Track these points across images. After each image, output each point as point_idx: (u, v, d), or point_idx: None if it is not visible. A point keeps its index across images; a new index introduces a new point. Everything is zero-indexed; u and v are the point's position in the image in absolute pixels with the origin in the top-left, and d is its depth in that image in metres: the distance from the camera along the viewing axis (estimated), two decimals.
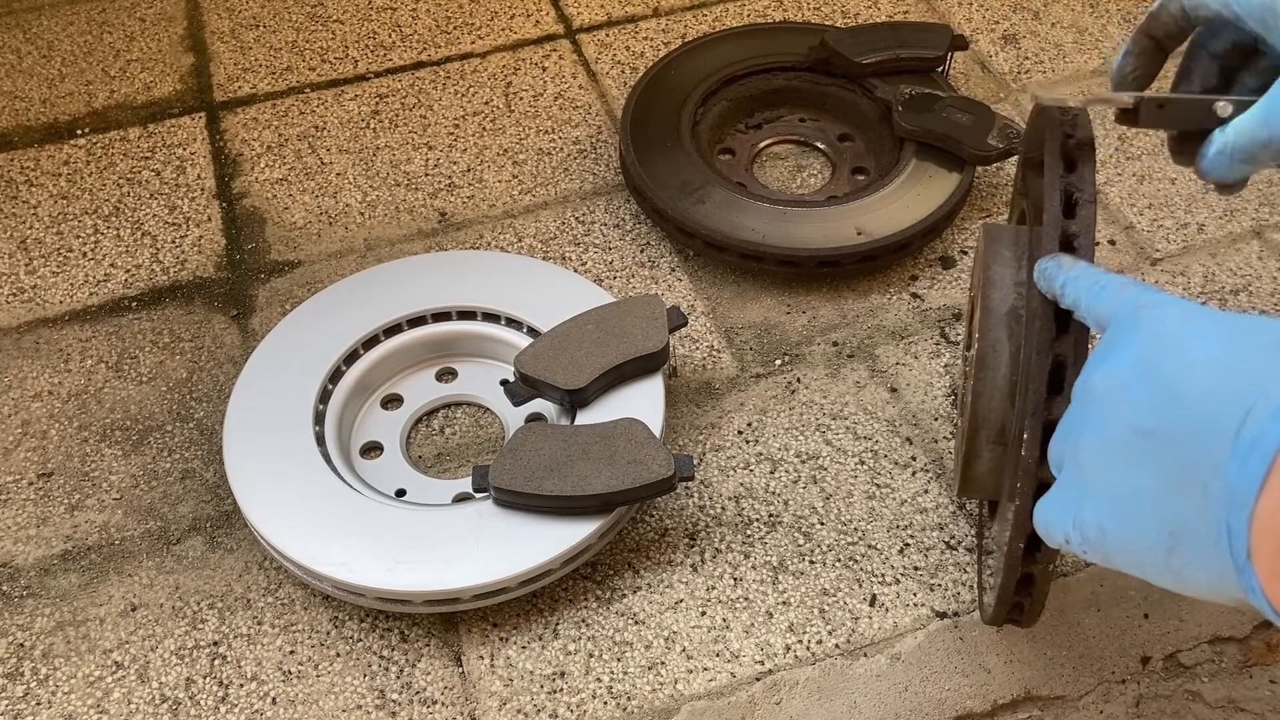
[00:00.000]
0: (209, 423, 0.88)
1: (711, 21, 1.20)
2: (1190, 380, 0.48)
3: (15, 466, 0.85)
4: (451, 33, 1.20)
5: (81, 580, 0.79)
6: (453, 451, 0.86)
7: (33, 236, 1.02)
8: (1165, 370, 0.49)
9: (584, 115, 1.11)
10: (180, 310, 0.96)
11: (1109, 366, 0.52)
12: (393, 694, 0.73)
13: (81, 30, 1.22)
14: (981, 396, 0.65)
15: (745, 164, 1.05)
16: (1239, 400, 0.45)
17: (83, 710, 0.73)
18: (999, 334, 0.65)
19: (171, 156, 1.08)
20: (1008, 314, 0.65)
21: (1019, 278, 0.66)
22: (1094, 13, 1.20)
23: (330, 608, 0.77)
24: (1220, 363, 0.47)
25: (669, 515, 0.82)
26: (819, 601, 0.77)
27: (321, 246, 1.00)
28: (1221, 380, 0.47)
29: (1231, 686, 0.74)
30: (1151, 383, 0.49)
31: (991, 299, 0.66)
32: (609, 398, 0.81)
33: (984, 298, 0.66)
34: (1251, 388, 0.45)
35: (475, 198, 1.04)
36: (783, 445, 0.86)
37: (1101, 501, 0.51)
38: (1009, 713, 0.73)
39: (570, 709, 0.72)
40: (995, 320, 0.66)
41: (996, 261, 0.68)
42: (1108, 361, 0.52)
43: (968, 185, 0.97)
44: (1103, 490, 0.51)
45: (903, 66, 1.03)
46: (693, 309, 0.95)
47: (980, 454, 0.66)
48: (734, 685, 0.73)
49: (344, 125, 1.11)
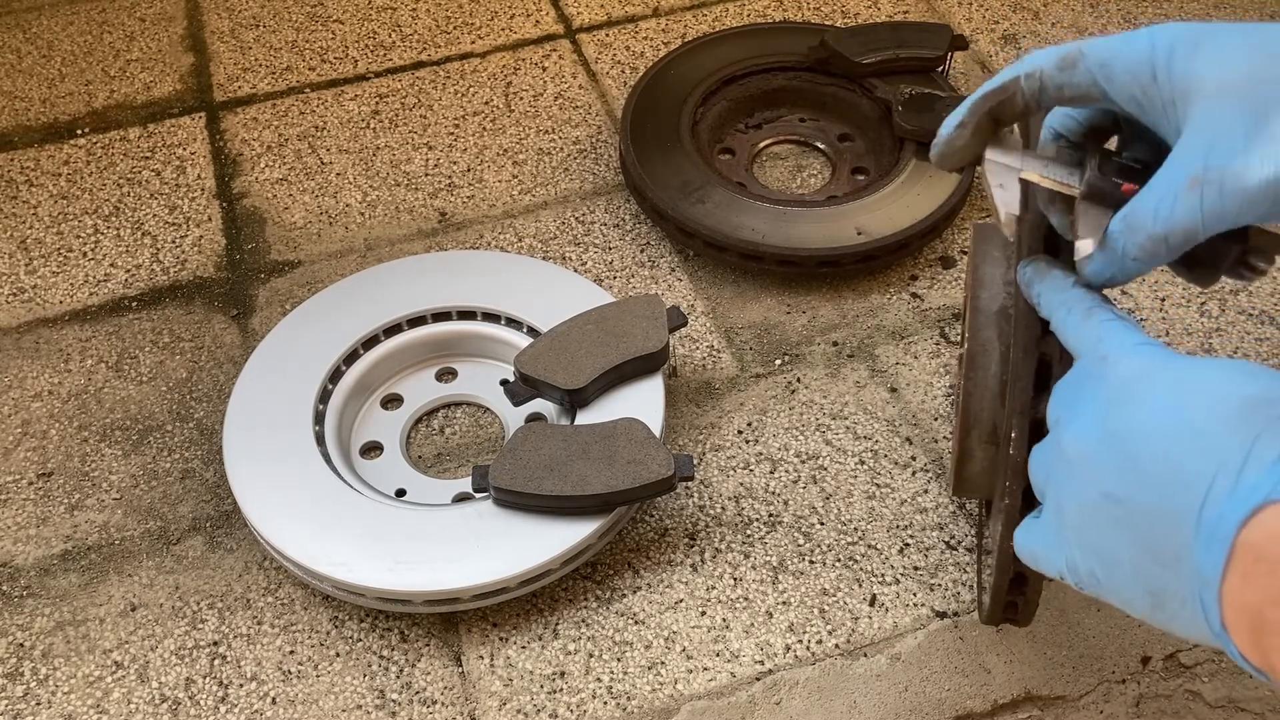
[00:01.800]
0: (209, 423, 0.88)
1: (711, 21, 1.20)
2: (1151, 451, 0.48)
3: (15, 466, 0.85)
4: (451, 33, 1.20)
5: (81, 580, 0.79)
6: (453, 451, 0.86)
7: (33, 236, 1.02)
8: (1128, 436, 0.49)
9: (584, 115, 1.11)
10: (180, 310, 0.96)
11: (1078, 427, 0.52)
12: (393, 694, 0.73)
13: (81, 30, 1.22)
14: (973, 396, 0.65)
15: (745, 164, 1.05)
16: (1199, 476, 0.46)
17: (83, 710, 0.73)
18: (989, 333, 0.65)
19: (171, 156, 1.08)
20: (997, 313, 0.65)
21: (1008, 277, 0.66)
22: (1094, 13, 1.20)
23: (330, 608, 0.77)
24: (1179, 431, 0.47)
25: (669, 515, 0.82)
26: (819, 601, 0.77)
27: (321, 246, 1.00)
28: (1181, 452, 0.47)
29: (1232, 686, 0.74)
30: (1115, 450, 0.50)
31: (981, 298, 0.66)
32: (609, 398, 0.81)
33: (973, 297, 0.66)
34: (1209, 462, 0.46)
35: (475, 198, 1.04)
36: (783, 445, 0.86)
37: (1089, 554, 0.51)
38: (1009, 713, 0.73)
39: (570, 709, 0.72)
40: (985, 320, 0.66)
41: (986, 261, 0.68)
42: (1077, 420, 0.52)
43: (968, 185, 0.97)
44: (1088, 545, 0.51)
45: (903, 66, 1.03)
46: (693, 309, 0.95)
47: (973, 454, 0.66)
48: (734, 685, 0.73)
49: (344, 125, 1.11)
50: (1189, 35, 0.54)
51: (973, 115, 0.59)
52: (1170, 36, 0.54)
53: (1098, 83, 0.55)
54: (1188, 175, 0.51)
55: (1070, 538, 0.52)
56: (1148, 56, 0.54)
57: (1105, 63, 0.55)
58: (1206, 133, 0.52)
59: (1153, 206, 0.52)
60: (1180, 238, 0.52)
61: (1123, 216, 0.54)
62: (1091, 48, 0.56)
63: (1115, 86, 0.55)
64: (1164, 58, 0.54)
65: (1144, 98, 0.54)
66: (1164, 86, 0.54)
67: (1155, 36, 0.55)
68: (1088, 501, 0.51)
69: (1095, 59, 0.55)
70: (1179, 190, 0.51)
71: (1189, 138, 0.53)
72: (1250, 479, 0.44)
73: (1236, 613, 0.45)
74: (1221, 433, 0.46)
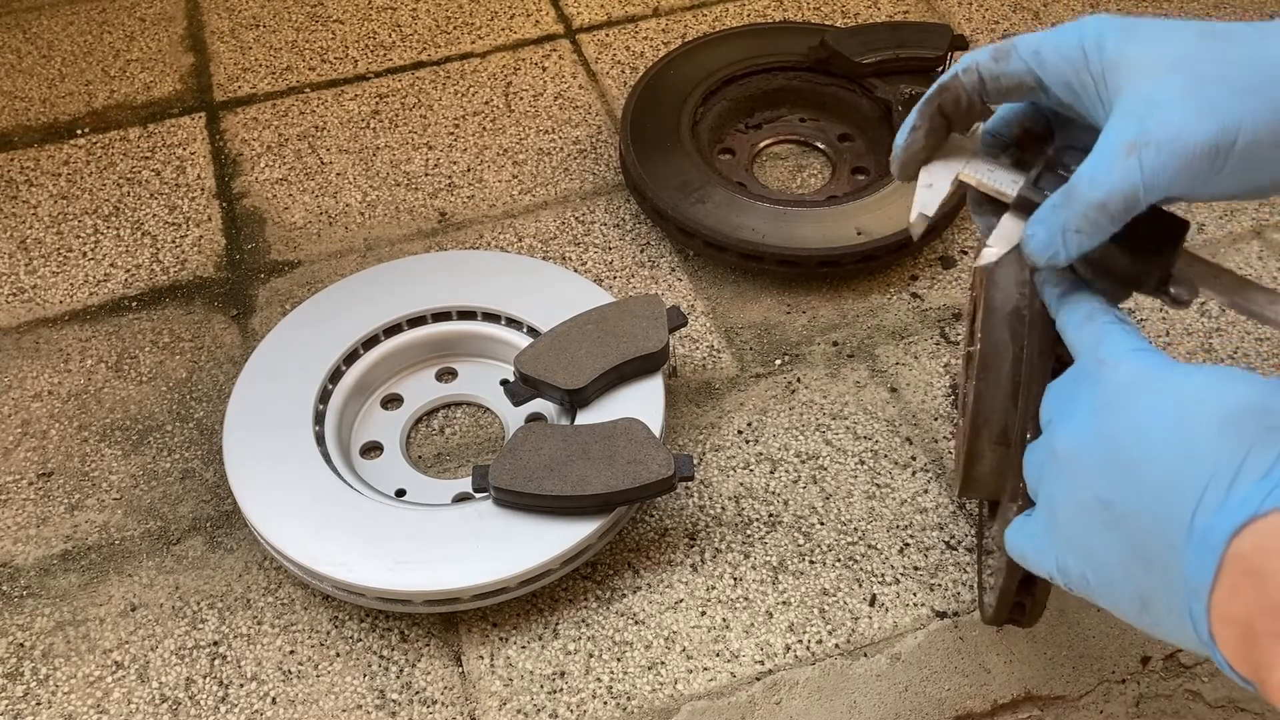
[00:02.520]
0: (209, 423, 0.88)
1: (711, 21, 1.20)
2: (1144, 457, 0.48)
3: (15, 466, 0.85)
4: (451, 33, 1.20)
5: (81, 580, 0.79)
6: (453, 451, 0.86)
7: (33, 236, 1.02)
8: (1120, 441, 0.49)
9: (584, 115, 1.11)
10: (180, 310, 0.96)
11: (1071, 428, 0.52)
12: (393, 694, 0.73)
13: (81, 30, 1.22)
14: (984, 397, 0.65)
15: (745, 164, 1.05)
16: (1190, 486, 0.46)
17: (83, 710, 0.73)
18: (1001, 334, 0.65)
19: (171, 156, 1.08)
20: (1010, 314, 0.65)
21: (1021, 277, 0.66)
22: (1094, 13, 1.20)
23: (330, 608, 0.77)
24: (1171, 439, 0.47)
25: (669, 515, 0.82)
26: (819, 601, 0.77)
27: (321, 246, 1.00)
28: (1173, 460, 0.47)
29: (1231, 686, 0.74)
30: (1107, 454, 0.50)
31: (994, 299, 0.66)
32: (609, 398, 0.81)
33: (987, 298, 0.66)
34: (1201, 472, 0.46)
35: (475, 198, 1.04)
36: (783, 445, 0.86)
37: (1080, 555, 0.51)
38: (1009, 713, 0.73)
39: (570, 709, 0.72)
40: (998, 320, 0.66)
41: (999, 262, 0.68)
42: (1070, 421, 0.52)
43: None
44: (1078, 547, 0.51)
45: (903, 66, 1.03)
46: (693, 309, 0.95)
47: (983, 455, 0.66)
48: (734, 685, 0.73)
49: (344, 125, 1.11)
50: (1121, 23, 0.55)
51: (923, 118, 0.60)
52: (1099, 23, 0.55)
53: (1031, 70, 0.56)
54: (1124, 140, 0.51)
55: (1061, 538, 0.52)
56: (1078, 44, 0.55)
57: (1036, 50, 0.56)
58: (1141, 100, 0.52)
59: (1089, 173, 0.52)
60: (1120, 203, 0.52)
61: (1063, 190, 0.54)
62: (1023, 39, 0.57)
63: (1048, 71, 0.55)
64: (1094, 41, 0.54)
65: (1076, 81, 0.55)
66: (1095, 66, 0.54)
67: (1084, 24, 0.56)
68: (1079, 502, 0.51)
69: (1027, 48, 0.56)
70: (1116, 154, 0.51)
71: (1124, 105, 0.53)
72: (1241, 491, 0.44)
73: (1224, 624, 0.45)
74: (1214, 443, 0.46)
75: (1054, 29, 0.57)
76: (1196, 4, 1.21)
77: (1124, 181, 0.51)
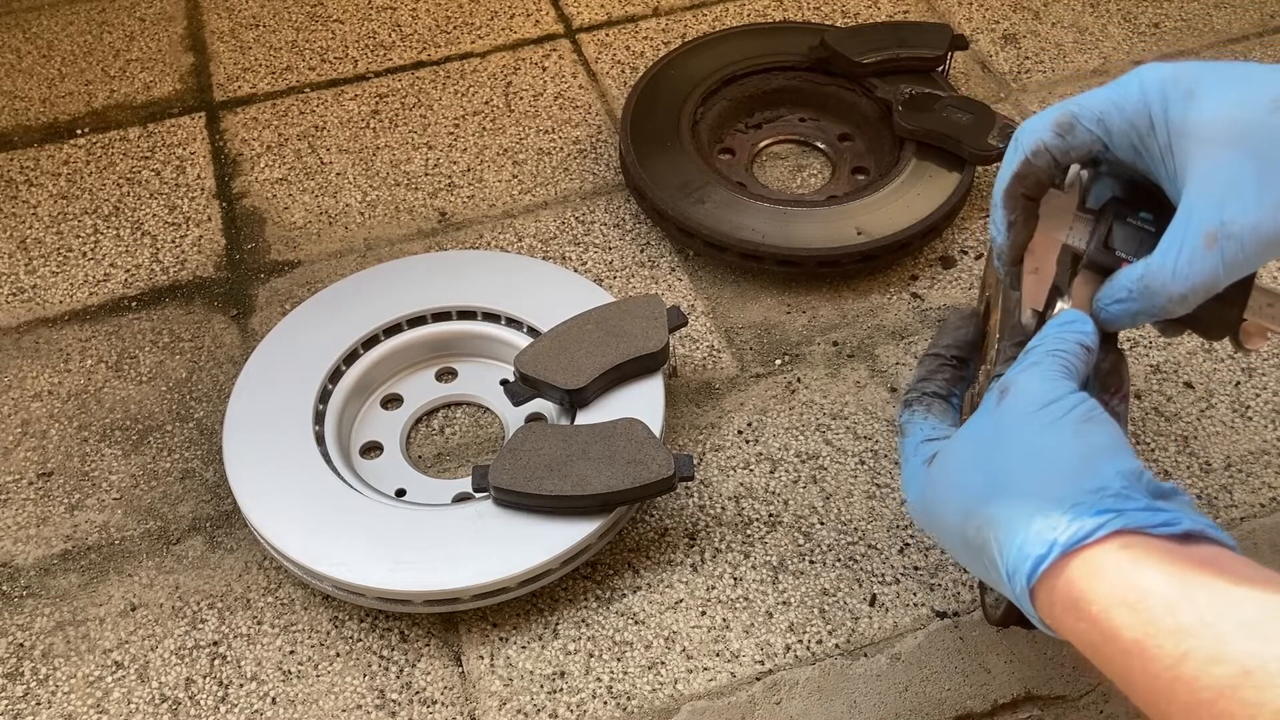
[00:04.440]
0: (209, 423, 0.88)
1: (711, 21, 1.20)
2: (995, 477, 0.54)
3: (15, 466, 0.85)
4: (451, 33, 1.20)
5: (81, 580, 0.79)
6: (453, 451, 0.86)
7: (33, 236, 1.02)
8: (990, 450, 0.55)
9: (584, 115, 1.11)
10: (180, 310, 0.96)
11: (974, 421, 0.58)
12: (393, 694, 0.73)
13: (81, 30, 1.22)
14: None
15: (745, 164, 1.05)
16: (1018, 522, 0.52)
17: (83, 710, 0.73)
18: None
19: (171, 156, 1.08)
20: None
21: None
22: (1094, 12, 1.20)
23: (330, 608, 0.77)
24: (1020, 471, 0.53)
25: (669, 515, 0.82)
26: (819, 601, 0.77)
27: (321, 246, 1.00)
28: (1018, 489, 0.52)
29: None
30: (978, 452, 0.56)
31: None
32: (609, 398, 0.81)
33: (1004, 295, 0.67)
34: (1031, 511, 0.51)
35: (475, 197, 1.04)
36: (783, 445, 0.86)
37: (941, 513, 0.58)
38: (1009, 713, 0.73)
39: (570, 709, 0.72)
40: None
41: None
42: (977, 416, 0.58)
43: (968, 185, 0.97)
44: (940, 510, 0.58)
45: (903, 66, 1.03)
46: (693, 309, 0.95)
47: None
48: (734, 685, 0.73)
49: (344, 125, 1.11)
50: (1177, 79, 0.56)
51: (1011, 211, 0.61)
52: (1160, 81, 0.56)
53: (1098, 139, 0.58)
54: (1203, 231, 0.53)
55: (934, 495, 0.59)
56: (1143, 108, 0.56)
57: (1100, 119, 0.58)
58: (1215, 185, 0.53)
59: (1171, 267, 0.54)
60: (1202, 295, 0.54)
61: (1139, 278, 0.56)
62: (1083, 107, 0.58)
63: (1114, 139, 0.57)
64: (1159, 106, 0.56)
65: (1142, 146, 0.57)
66: (1161, 135, 0.56)
67: (1145, 82, 0.57)
68: (945, 491, 0.57)
69: (1091, 118, 0.58)
70: (1196, 248, 0.53)
71: (1197, 190, 0.54)
72: (1050, 538, 0.50)
73: (1048, 612, 0.52)
74: (1049, 489, 0.51)
75: (1111, 86, 0.58)
76: (1196, 4, 1.21)
77: (1208, 275, 0.53)
